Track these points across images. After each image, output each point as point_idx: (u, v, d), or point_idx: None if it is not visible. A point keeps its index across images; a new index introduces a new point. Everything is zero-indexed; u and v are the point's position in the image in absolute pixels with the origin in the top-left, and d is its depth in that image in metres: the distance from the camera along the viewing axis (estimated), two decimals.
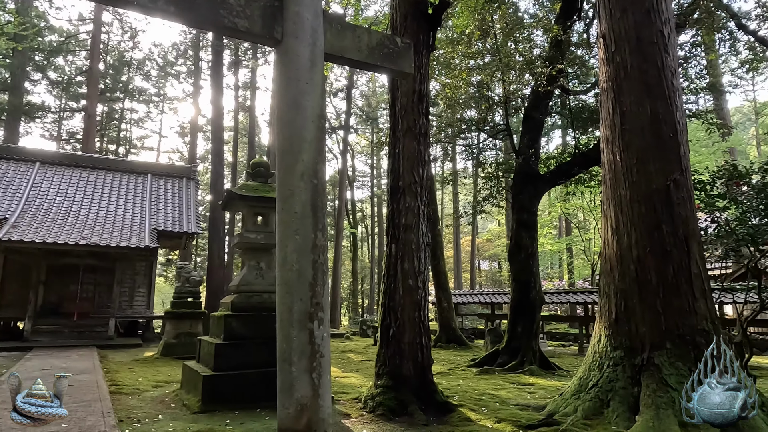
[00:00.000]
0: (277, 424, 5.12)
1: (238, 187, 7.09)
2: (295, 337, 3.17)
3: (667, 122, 5.43)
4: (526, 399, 6.62)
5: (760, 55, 13.49)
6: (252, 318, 6.69)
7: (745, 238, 5.51)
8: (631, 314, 5.21)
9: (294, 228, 3.29)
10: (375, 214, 42.77)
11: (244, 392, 6.16)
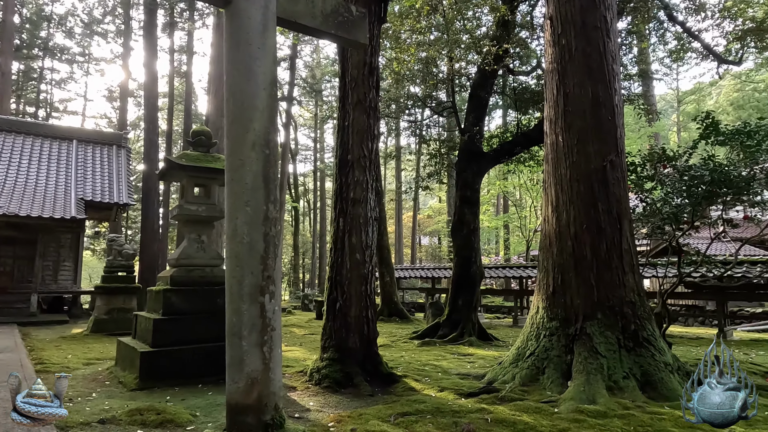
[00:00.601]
0: (223, 398, 5.04)
1: (178, 156, 6.76)
2: (245, 310, 3.11)
3: (606, 105, 5.68)
4: (467, 368, 6.89)
5: (686, 46, 14.34)
6: (193, 292, 6.48)
7: (669, 217, 5.93)
8: (567, 287, 5.50)
9: (245, 199, 3.19)
10: (318, 189, 42.31)
11: (185, 368, 6.00)
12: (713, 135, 5.80)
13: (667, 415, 4.21)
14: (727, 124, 6.21)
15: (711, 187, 5.55)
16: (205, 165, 6.71)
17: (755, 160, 5.71)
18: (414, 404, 4.75)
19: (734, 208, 6.82)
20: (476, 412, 4.46)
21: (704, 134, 5.91)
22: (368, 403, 5.06)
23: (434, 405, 4.68)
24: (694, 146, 6.11)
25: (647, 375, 4.98)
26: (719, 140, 5.83)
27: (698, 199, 5.77)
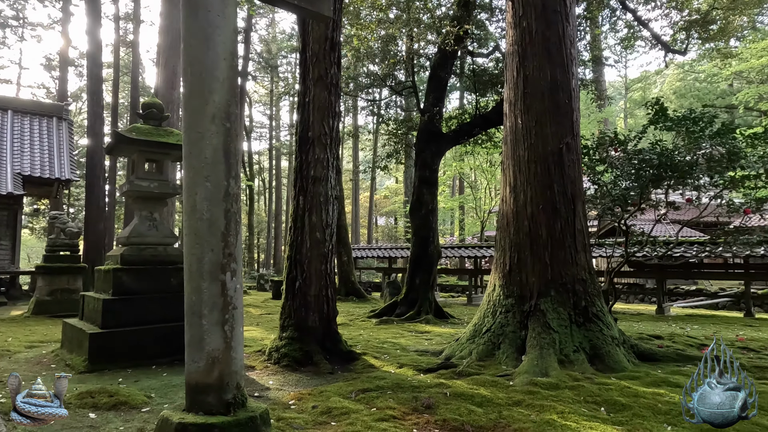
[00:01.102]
0: (179, 379, 4.93)
1: (128, 129, 6.42)
2: (206, 289, 3.02)
3: (564, 89, 5.81)
4: (425, 345, 7.02)
5: (636, 34, 14.84)
6: (145, 272, 6.25)
7: (619, 199, 6.19)
8: (523, 266, 5.67)
9: (204, 174, 3.07)
10: (273, 168, 41.50)
11: (138, 350, 5.82)
12: (662, 120, 6.07)
13: (613, 385, 4.45)
14: (675, 110, 6.49)
15: (658, 170, 5.82)
16: (157, 139, 6.42)
17: (698, 146, 6.02)
18: (374, 381, 4.81)
19: (675, 192, 7.20)
20: (435, 387, 4.56)
21: (654, 119, 6.16)
22: (328, 381, 5.08)
23: (394, 381, 4.76)
24: (644, 131, 6.37)
25: (596, 348, 5.23)
26: (667, 125, 6.10)
27: (646, 182, 6.04)
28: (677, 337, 6.79)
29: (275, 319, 10.86)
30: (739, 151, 5.78)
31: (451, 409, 3.91)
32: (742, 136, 5.91)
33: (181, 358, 5.64)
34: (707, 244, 10.13)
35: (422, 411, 3.92)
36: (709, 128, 6.19)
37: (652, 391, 4.30)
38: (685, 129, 5.78)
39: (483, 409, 3.92)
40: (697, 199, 6.72)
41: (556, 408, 3.88)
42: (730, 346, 6.37)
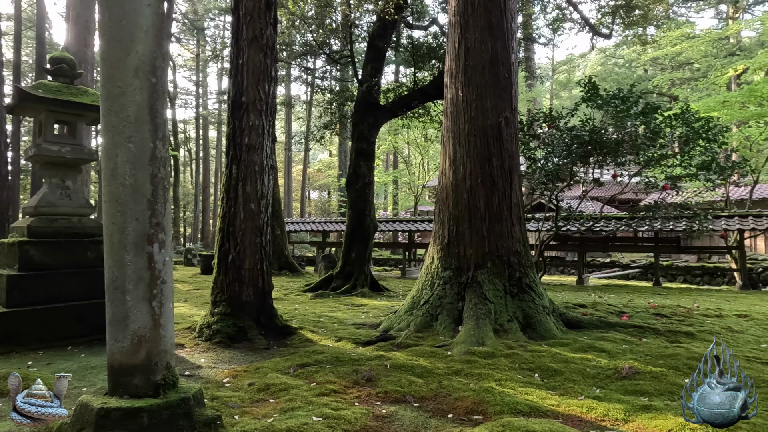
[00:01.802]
0: (98, 361, 4.56)
1: (33, 86, 5.71)
2: (130, 262, 2.74)
3: (504, 63, 5.84)
4: (362, 318, 6.99)
5: (567, 16, 15.30)
6: (57, 245, 5.69)
7: (551, 174, 6.38)
8: (461, 238, 5.73)
9: (126, 134, 2.75)
10: (201, 137, 39.47)
11: (50, 330, 5.33)
12: (594, 98, 6.28)
13: (545, 352, 4.63)
14: (606, 89, 6.75)
15: (588, 147, 6.04)
16: (68, 98, 5.77)
17: (624, 125, 6.31)
18: (312, 355, 4.70)
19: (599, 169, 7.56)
20: (375, 359, 4.53)
21: (586, 97, 6.36)
22: (264, 357, 4.91)
23: (333, 355, 4.67)
24: (576, 108, 6.58)
25: (528, 317, 5.42)
26: (598, 104, 6.33)
27: (576, 158, 6.26)
28: (599, 305, 7.22)
29: (205, 294, 10.41)
30: (660, 130, 6.15)
31: (391, 380, 3.89)
32: (662, 116, 6.27)
33: (101, 338, 5.25)
34: (627, 219, 10.82)
35: (363, 384, 3.87)
36: (635, 108, 6.49)
37: (581, 356, 4.52)
38: (614, 107, 6.05)
39: (423, 380, 3.94)
40: (621, 176, 7.11)
41: (494, 376, 3.97)
42: (644, 313, 6.86)
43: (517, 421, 2.99)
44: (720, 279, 17.13)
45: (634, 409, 3.24)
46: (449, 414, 3.31)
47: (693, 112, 6.47)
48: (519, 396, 3.53)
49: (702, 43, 20.04)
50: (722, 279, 17.08)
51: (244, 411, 3.30)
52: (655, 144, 6.59)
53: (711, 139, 6.66)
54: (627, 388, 3.71)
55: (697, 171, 6.80)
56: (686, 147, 6.68)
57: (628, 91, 6.01)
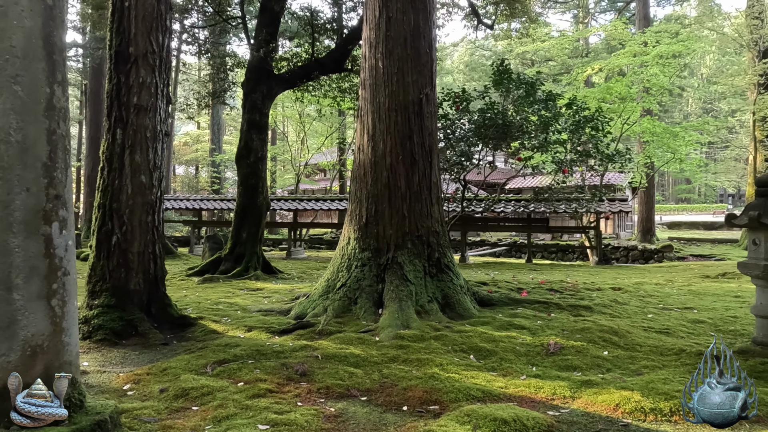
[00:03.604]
0: None
1: None
2: (18, 247, 2.05)
3: (425, 36, 5.65)
4: (265, 304, 6.45)
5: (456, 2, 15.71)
6: None
7: (465, 154, 6.43)
8: (381, 217, 5.49)
9: (10, 72, 2.02)
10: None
11: None
12: (507, 80, 6.42)
13: (472, 332, 4.62)
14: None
15: (501, 130, 6.18)
16: None
17: (526, 111, 6.56)
18: (226, 349, 4.14)
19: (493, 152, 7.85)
20: (300, 350, 4.13)
21: (499, 79, 6.48)
22: (166, 355, 4.23)
23: (251, 347, 4.17)
24: (486, 91, 6.70)
25: (447, 297, 5.41)
26: (508, 87, 6.49)
27: (487, 141, 6.38)
28: (498, 283, 7.54)
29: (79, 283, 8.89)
30: (558, 116, 6.55)
31: (329, 373, 3.55)
32: (561, 102, 6.69)
33: None
34: (525, 201, 11.53)
35: (298, 380, 3.48)
36: (534, 94, 6.79)
37: (506, 334, 4.59)
38: (524, 91, 6.27)
39: (362, 370, 3.66)
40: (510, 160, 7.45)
41: (433, 361, 3.83)
42: (539, 288, 7.32)
43: (480, 408, 2.86)
44: (571, 255, 19.37)
45: (576, 385, 3.32)
46: (403, 407, 3.09)
47: (581, 103, 7.06)
48: (466, 381, 3.43)
49: (568, 41, 22.15)
50: (572, 255, 19.33)
51: (166, 426, 2.73)
52: (547, 130, 7.03)
53: (597, 128, 7.33)
54: (559, 364, 3.83)
55: (584, 156, 7.43)
56: (574, 135, 7.26)
57: (534, 76, 6.30)
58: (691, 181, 39.25)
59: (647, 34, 16.39)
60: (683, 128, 14.98)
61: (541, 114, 6.64)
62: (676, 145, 15.00)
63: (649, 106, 15.89)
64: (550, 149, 7.69)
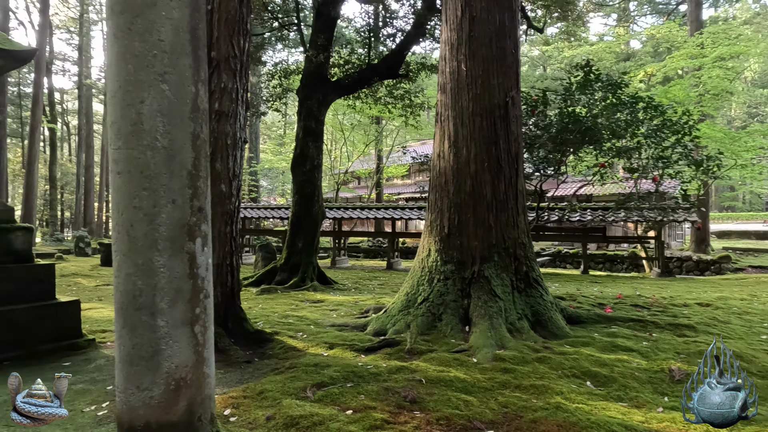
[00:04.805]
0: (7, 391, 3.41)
1: None
2: (162, 267, 1.80)
3: (511, 36, 5.34)
4: (334, 318, 6.20)
5: None
6: None
7: (544, 161, 6.06)
8: (464, 228, 5.17)
9: (158, 70, 1.79)
10: (84, 110, 34.83)
11: None
12: (594, 82, 6.04)
13: (576, 354, 4.24)
14: (604, 73, 6.55)
15: (582, 135, 5.79)
16: None
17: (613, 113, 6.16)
18: (318, 370, 3.87)
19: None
20: (397, 372, 3.83)
21: (584, 81, 6.10)
22: (253, 374, 3.99)
23: (343, 368, 3.89)
24: (571, 94, 6.32)
25: (537, 315, 5.03)
26: (594, 88, 6.10)
27: (567, 147, 6.00)
28: (577, 297, 7.11)
29: None
30: (641, 119, 6.14)
31: (440, 401, 3.24)
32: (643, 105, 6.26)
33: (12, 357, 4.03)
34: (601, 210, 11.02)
35: (410, 408, 3.17)
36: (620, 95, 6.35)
37: (615, 357, 4.20)
38: (612, 94, 5.88)
39: (476, 398, 3.33)
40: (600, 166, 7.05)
41: (551, 388, 3.47)
42: (622, 304, 6.85)
43: None
44: (620, 266, 18.60)
45: None
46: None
47: (663, 104, 6.62)
48: (598, 412, 3.07)
49: (616, 45, 21.52)
50: (621, 266, 18.56)
51: None
52: (635, 133, 6.58)
53: (684, 132, 6.84)
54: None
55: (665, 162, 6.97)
56: (654, 138, 6.78)
57: (619, 78, 5.91)
58: (735, 189, 37.57)
59: (704, 35, 15.68)
60: (748, 133, 14.16)
61: (626, 117, 6.22)
62: (737, 150, 14.23)
63: (707, 110, 15.16)
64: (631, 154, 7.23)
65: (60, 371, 4.05)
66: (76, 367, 4.15)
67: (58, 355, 4.41)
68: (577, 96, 6.36)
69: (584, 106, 6.10)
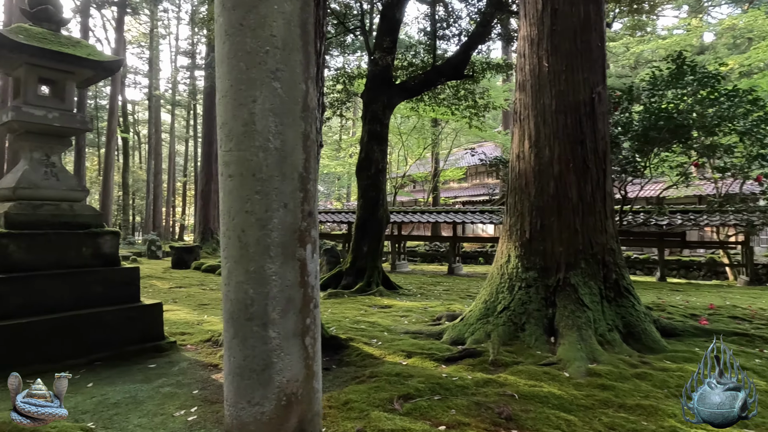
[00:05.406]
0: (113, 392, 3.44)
1: (14, 29, 4.34)
2: (274, 274, 1.70)
3: (596, 28, 5.02)
4: (406, 324, 6.05)
5: None
6: (43, 238, 4.41)
7: (629, 161, 5.66)
8: (548, 233, 4.89)
9: (270, 67, 1.69)
10: (153, 120, 36.74)
11: (37, 350, 4.09)
12: (688, 74, 5.59)
13: (680, 371, 3.87)
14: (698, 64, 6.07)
15: (675, 132, 5.35)
16: (58, 48, 4.45)
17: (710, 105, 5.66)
18: (401, 380, 3.72)
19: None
20: (485, 385, 3.62)
21: (678, 74, 5.66)
22: (333, 383, 3.89)
23: (427, 379, 3.72)
24: (658, 88, 5.88)
25: (629, 326, 4.67)
26: (687, 80, 5.64)
27: (653, 145, 5.56)
28: (665, 306, 6.62)
29: (193, 293, 9.11)
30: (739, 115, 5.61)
31: (538, 419, 3.00)
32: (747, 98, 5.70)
33: (103, 358, 4.05)
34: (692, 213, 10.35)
35: (506, 426, 2.96)
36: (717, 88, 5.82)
37: None
38: (711, 87, 5.41)
39: (576, 417, 3.07)
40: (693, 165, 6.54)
41: (660, 408, 3.16)
42: (718, 315, 6.29)
43: None
44: (697, 272, 17.35)
45: None
46: None
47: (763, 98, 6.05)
48: None
49: (690, 38, 20.26)
50: (698, 272, 17.31)
51: None
52: (720, 129, 6.04)
53: None
54: None
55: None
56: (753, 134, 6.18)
57: (715, 69, 5.42)
58: None
59: None
60: None
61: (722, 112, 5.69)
62: None
63: None
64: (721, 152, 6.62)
65: (147, 373, 4.14)
66: (161, 369, 4.22)
67: (144, 357, 4.51)
68: (663, 91, 5.88)
69: (672, 101, 5.63)
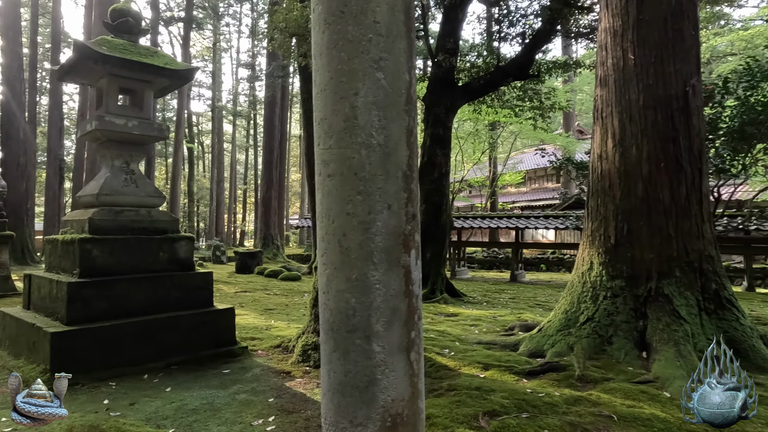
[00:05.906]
0: (193, 398, 3.41)
1: (97, 41, 4.52)
2: (377, 283, 1.54)
3: (689, 16, 4.62)
4: (476, 334, 5.80)
5: None
6: (124, 243, 4.53)
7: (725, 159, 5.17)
8: (636, 239, 4.51)
9: (373, 56, 1.55)
10: (216, 130, 38.24)
11: (118, 353, 4.18)
12: None
13: None
14: None
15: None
16: (138, 59, 4.58)
17: None
18: (483, 395, 3.50)
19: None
20: (576, 403, 3.33)
21: None
22: None
23: (510, 394, 3.48)
24: (758, 79, 5.36)
25: (734, 342, 4.19)
26: None
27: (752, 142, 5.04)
28: (766, 320, 6.01)
29: (258, 298, 9.24)
30: None
31: None
32: None
33: (179, 362, 4.07)
34: None
35: None
36: None
37: None
38: None
39: None
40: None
41: None
42: None
43: None
44: None
45: None
46: None
47: None
48: None
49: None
50: None
51: None
52: None
53: None
54: None
55: None
56: None
57: None
58: None
59: None
60: None
61: None
62: None
63: None
64: None
65: (222, 379, 4.14)
66: (235, 375, 4.21)
67: (218, 362, 4.53)
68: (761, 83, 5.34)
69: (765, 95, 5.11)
